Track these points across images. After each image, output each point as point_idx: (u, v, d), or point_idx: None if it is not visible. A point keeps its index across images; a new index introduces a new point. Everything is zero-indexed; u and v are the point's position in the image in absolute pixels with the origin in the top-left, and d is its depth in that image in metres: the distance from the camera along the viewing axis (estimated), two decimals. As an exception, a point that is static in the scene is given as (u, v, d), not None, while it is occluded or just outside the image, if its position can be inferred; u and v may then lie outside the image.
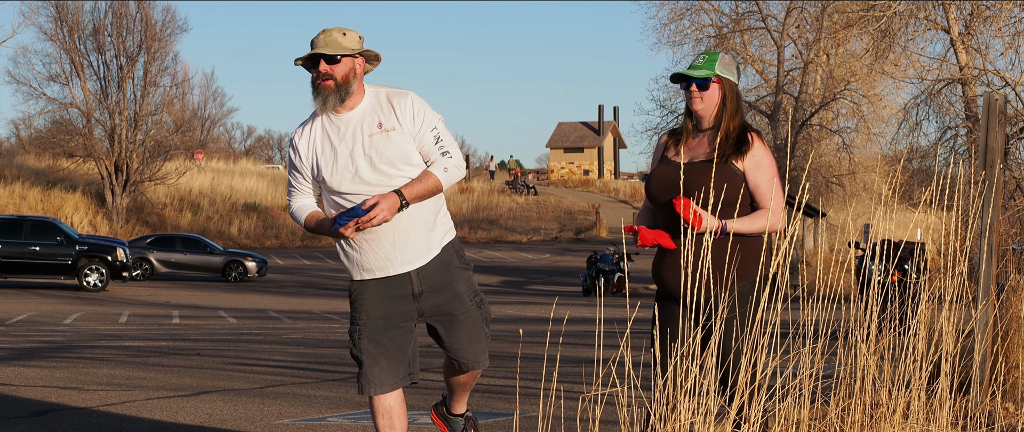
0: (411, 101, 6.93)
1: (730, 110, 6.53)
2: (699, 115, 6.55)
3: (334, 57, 6.81)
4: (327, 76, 6.82)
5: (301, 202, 7.08)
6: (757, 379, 5.96)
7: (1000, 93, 9.76)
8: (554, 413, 6.42)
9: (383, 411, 6.99)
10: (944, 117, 44.91)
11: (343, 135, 6.88)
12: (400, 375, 6.99)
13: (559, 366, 6.38)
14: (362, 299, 7.00)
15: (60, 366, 15.72)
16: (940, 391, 6.81)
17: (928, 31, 44.31)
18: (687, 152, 6.56)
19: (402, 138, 6.85)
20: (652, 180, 6.58)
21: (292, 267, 58.68)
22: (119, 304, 35.86)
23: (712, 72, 6.49)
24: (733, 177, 6.40)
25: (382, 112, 6.90)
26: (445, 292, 7.02)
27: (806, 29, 59.92)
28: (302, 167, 7.00)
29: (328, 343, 21.44)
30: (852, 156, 58.79)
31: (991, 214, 9.43)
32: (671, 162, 6.56)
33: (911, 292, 6.98)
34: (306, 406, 11.88)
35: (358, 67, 6.91)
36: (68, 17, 66.49)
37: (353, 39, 6.88)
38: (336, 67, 6.82)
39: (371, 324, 6.96)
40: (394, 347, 6.96)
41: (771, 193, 6.43)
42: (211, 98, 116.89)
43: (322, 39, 6.84)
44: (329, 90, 6.82)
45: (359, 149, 6.85)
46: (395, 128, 6.86)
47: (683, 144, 6.58)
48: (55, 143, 68.39)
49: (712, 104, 6.52)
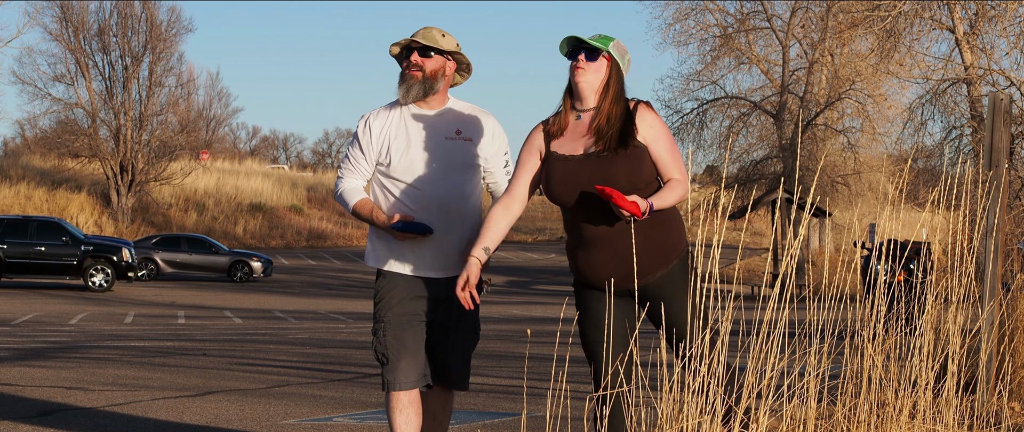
0: (494, 123, 7.13)
1: (612, 93, 6.25)
2: (581, 91, 6.27)
3: (428, 50, 6.96)
4: (417, 67, 6.97)
5: (351, 184, 7.13)
6: (765, 380, 5.96)
7: (1006, 93, 9.74)
8: (561, 413, 6.42)
9: (401, 408, 7.00)
10: (949, 117, 44.93)
11: (421, 129, 7.00)
12: (421, 373, 7.02)
13: (568, 366, 6.38)
14: (390, 294, 7.03)
15: (66, 366, 15.73)
16: (946, 391, 6.81)
17: (933, 31, 44.31)
18: (572, 140, 6.31)
19: (474, 150, 7.04)
20: (553, 182, 6.33)
21: (297, 267, 58.70)
22: (124, 304, 35.88)
23: (604, 48, 6.28)
24: (642, 158, 6.18)
25: (462, 121, 7.05)
26: (461, 307, 7.04)
27: (811, 29, 59.93)
28: (368, 148, 7.06)
29: (334, 343, 21.45)
30: (857, 156, 58.78)
31: (997, 214, 9.43)
32: (565, 158, 6.29)
33: (917, 292, 6.99)
34: (312, 406, 11.88)
35: (448, 69, 7.04)
36: (73, 17, 66.56)
37: (451, 42, 7.02)
38: (427, 61, 6.97)
39: (397, 320, 6.99)
40: (415, 345, 6.99)
41: (675, 161, 6.27)
42: (216, 98, 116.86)
43: (421, 32, 7.00)
44: (415, 80, 6.96)
45: (434, 148, 6.97)
46: (471, 140, 7.03)
47: (563, 125, 6.33)
48: (60, 143, 68.44)
49: (597, 80, 6.25)
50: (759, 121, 63.04)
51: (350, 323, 28.97)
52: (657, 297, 6.23)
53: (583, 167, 6.21)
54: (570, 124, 6.35)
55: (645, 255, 6.18)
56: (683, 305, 6.18)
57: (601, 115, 6.24)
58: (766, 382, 5.95)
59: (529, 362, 7.02)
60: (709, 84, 61.97)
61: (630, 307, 6.31)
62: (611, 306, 6.27)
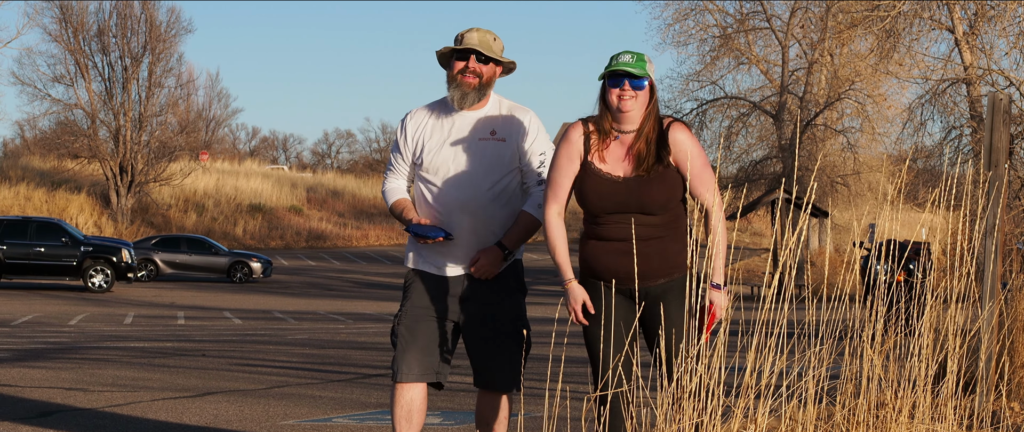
0: (530, 119, 7.02)
1: (654, 117, 6.32)
2: (626, 117, 6.30)
3: (487, 58, 6.92)
4: (475, 73, 6.91)
5: (394, 184, 7.16)
6: (763, 380, 5.96)
7: (1005, 93, 9.74)
8: (559, 413, 6.41)
9: (403, 402, 6.98)
10: (949, 117, 44.92)
11: (456, 129, 6.96)
12: (429, 369, 6.98)
13: (564, 366, 6.37)
14: (413, 287, 7.06)
15: (65, 367, 15.72)
16: (946, 391, 6.81)
17: (932, 31, 44.31)
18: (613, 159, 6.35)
19: (509, 151, 6.95)
20: (591, 196, 6.35)
21: (297, 268, 58.70)
22: (124, 305, 35.88)
23: (646, 74, 6.29)
24: (674, 179, 6.26)
25: (498, 122, 6.99)
26: (489, 307, 7.01)
27: (810, 29, 59.96)
28: (405, 148, 7.08)
29: (333, 344, 21.45)
30: (857, 156, 58.78)
31: (996, 214, 9.42)
32: (607, 178, 6.32)
33: (917, 292, 6.98)
34: (311, 407, 11.87)
35: (497, 74, 7.03)
36: (72, 18, 66.57)
37: (500, 47, 7.00)
38: (484, 68, 6.92)
39: (412, 312, 6.99)
40: (427, 339, 6.96)
41: (706, 183, 6.30)
42: (216, 99, 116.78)
43: (478, 37, 6.93)
44: (470, 87, 6.92)
45: (466, 148, 6.93)
46: (506, 140, 6.95)
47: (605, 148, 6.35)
48: (60, 144, 68.49)
49: (642, 106, 6.30)
50: (759, 121, 63.04)
51: (350, 324, 28.96)
52: (657, 302, 6.25)
53: (622, 187, 6.28)
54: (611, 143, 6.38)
55: (656, 259, 6.23)
56: (680, 313, 6.20)
57: (641, 140, 6.31)
58: (764, 383, 5.94)
59: (527, 362, 7.00)
60: (709, 84, 61.99)
61: (631, 308, 6.34)
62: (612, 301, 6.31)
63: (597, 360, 6.38)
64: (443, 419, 10.90)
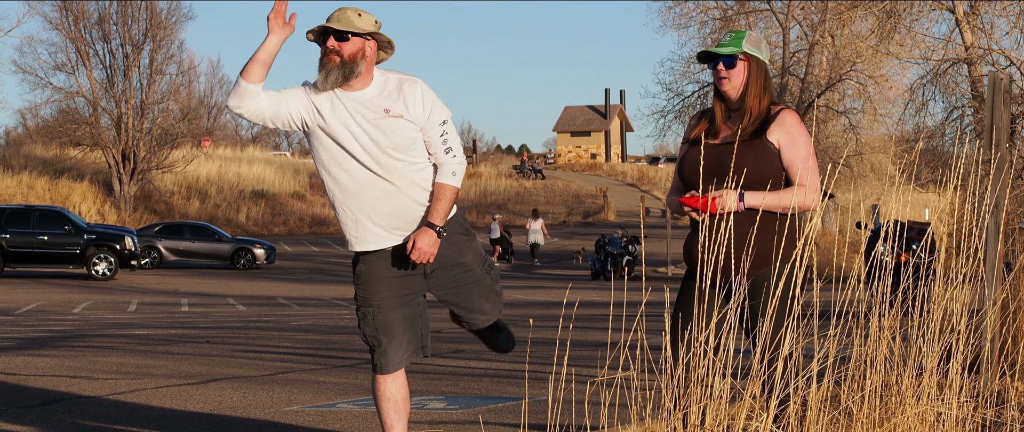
0: (420, 90, 6.87)
1: (756, 90, 6.43)
2: (727, 94, 6.45)
3: (344, 34, 6.78)
4: (334, 52, 6.78)
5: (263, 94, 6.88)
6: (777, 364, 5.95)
7: (1006, 72, 9.75)
8: (565, 397, 6.41)
9: (388, 395, 6.97)
10: (950, 97, 44.90)
11: (350, 113, 6.83)
12: (411, 351, 6.99)
13: (569, 350, 6.37)
14: (371, 277, 6.98)
15: (69, 355, 15.73)
16: (951, 371, 6.80)
17: (933, 11, 44.27)
18: (721, 132, 6.48)
19: (408, 126, 6.82)
20: (685, 164, 6.48)
21: (300, 254, 58.71)
22: (128, 293, 35.89)
23: (739, 49, 6.41)
24: (768, 154, 6.31)
25: (390, 98, 6.85)
26: (455, 267, 7.00)
27: (811, 10, 59.83)
28: (298, 101, 6.89)
29: (337, 329, 21.45)
30: (859, 137, 58.71)
31: (998, 193, 9.41)
32: (703, 144, 6.45)
33: (922, 273, 6.96)
34: (316, 392, 11.88)
35: (368, 50, 6.85)
36: (73, 6, 66.48)
37: (368, 21, 6.83)
38: (345, 45, 6.78)
39: (383, 305, 6.94)
40: (405, 325, 6.95)
41: (806, 171, 6.36)
42: (217, 85, 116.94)
43: (336, 15, 6.82)
44: (333, 65, 6.77)
45: (366, 130, 6.81)
46: (402, 115, 6.81)
47: (718, 125, 6.49)
48: (62, 132, 68.44)
49: (739, 82, 6.41)
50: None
51: (353, 309, 28.89)
52: (751, 296, 6.26)
53: (713, 154, 6.38)
54: (721, 121, 6.53)
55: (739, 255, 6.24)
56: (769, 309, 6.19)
57: (745, 112, 6.45)
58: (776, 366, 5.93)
59: (532, 347, 7.00)
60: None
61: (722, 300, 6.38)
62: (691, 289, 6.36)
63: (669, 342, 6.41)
64: (447, 404, 10.89)
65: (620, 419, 7.32)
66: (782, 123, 6.38)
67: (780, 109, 6.44)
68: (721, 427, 5.94)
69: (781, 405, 6.03)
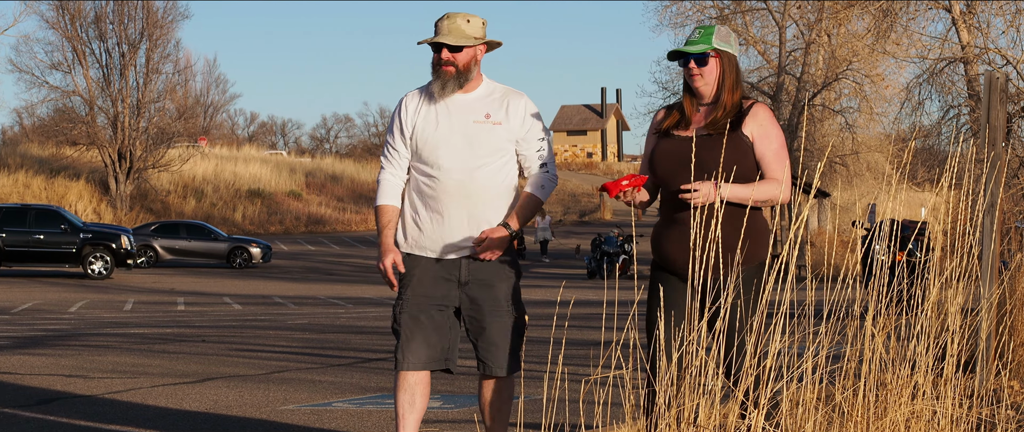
0: (525, 104, 7.00)
1: (729, 84, 6.41)
2: (700, 91, 6.42)
3: (458, 46, 6.86)
4: (449, 63, 6.86)
5: (390, 176, 7.07)
6: (766, 362, 5.94)
7: (1002, 71, 9.76)
8: (559, 396, 6.41)
9: (406, 386, 6.97)
10: (946, 96, 44.89)
11: (450, 112, 6.91)
12: (434, 356, 6.96)
13: (564, 349, 6.37)
14: (411, 274, 6.99)
15: (65, 354, 15.73)
16: (946, 370, 6.80)
17: (929, 10, 44.28)
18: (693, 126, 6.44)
19: (505, 134, 6.92)
20: (657, 157, 6.45)
21: (296, 253, 58.71)
22: (124, 292, 35.89)
23: (709, 46, 6.37)
24: (743, 147, 6.32)
25: (493, 105, 6.95)
26: (487, 289, 6.98)
27: (807, 9, 59.84)
28: (403, 130, 7.01)
29: (333, 328, 21.45)
30: (855, 136, 58.78)
31: (994, 192, 9.41)
32: (674, 136, 6.42)
33: (918, 272, 6.97)
34: (311, 391, 11.88)
35: (479, 54, 6.96)
36: (69, 5, 66.48)
37: (476, 26, 6.92)
38: (458, 55, 6.87)
39: (414, 300, 6.95)
40: (432, 326, 6.94)
41: (778, 165, 6.36)
42: (214, 84, 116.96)
43: (446, 25, 6.88)
44: (449, 76, 6.88)
45: (461, 129, 6.89)
46: (502, 123, 6.92)
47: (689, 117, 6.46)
48: (58, 131, 68.38)
49: (713, 79, 6.38)
50: (757, 102, 62.93)
51: (349, 308, 28.96)
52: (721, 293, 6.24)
53: (685, 147, 6.34)
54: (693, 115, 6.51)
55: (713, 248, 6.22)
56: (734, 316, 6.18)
57: (719, 106, 6.43)
58: (767, 364, 5.93)
59: (527, 345, 6.99)
60: (706, 65, 61.77)
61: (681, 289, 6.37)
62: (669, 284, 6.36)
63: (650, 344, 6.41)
64: (443, 402, 10.90)
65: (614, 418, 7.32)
66: (755, 116, 6.37)
67: (752, 103, 6.44)
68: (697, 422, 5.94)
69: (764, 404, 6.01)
